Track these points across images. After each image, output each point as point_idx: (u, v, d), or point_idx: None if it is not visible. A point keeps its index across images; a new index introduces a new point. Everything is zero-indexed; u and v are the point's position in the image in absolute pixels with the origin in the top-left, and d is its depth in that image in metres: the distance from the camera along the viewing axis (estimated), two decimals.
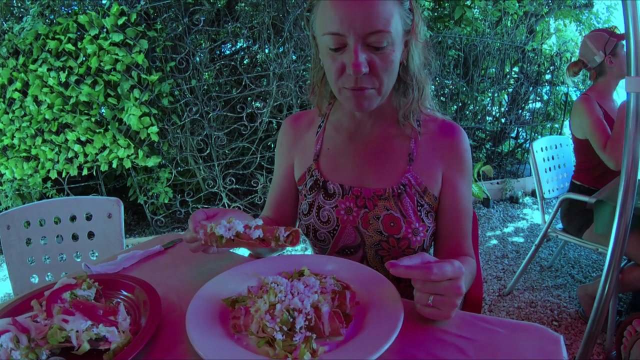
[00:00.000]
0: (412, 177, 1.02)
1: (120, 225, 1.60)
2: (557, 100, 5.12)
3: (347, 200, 1.05)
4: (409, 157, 1.04)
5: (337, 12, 0.86)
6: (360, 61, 0.86)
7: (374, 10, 0.84)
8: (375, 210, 1.02)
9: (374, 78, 0.90)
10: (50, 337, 0.66)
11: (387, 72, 0.91)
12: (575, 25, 5.70)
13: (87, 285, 0.81)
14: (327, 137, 1.14)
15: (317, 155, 1.13)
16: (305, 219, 1.10)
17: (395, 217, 1.00)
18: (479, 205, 4.26)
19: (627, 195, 1.32)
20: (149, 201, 3.64)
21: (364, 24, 0.84)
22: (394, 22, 0.86)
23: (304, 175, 1.14)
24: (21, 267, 1.63)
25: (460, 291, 0.69)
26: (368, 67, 0.88)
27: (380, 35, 0.85)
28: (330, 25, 0.86)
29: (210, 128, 3.46)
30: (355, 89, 0.91)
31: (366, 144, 1.08)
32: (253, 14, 3.50)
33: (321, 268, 0.87)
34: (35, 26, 3.04)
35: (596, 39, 2.12)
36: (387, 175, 1.04)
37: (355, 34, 0.85)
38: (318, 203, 1.08)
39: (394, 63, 0.91)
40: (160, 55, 3.29)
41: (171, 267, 1.03)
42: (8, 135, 3.35)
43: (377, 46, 0.86)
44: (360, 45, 0.86)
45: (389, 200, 1.01)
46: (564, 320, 2.25)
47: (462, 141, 1.04)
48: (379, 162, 1.06)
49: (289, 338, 0.66)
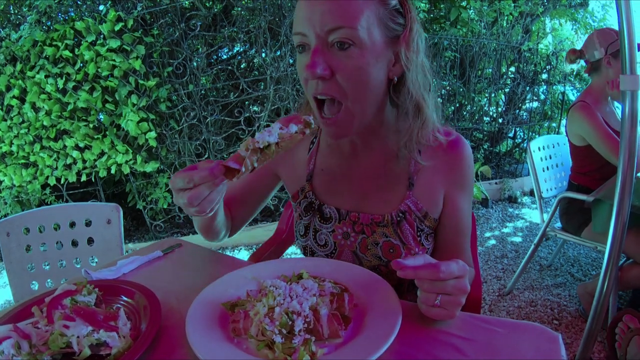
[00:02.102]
0: (412, 204, 0.96)
1: (120, 230, 1.60)
2: (554, 99, 5.13)
3: (344, 225, 1.00)
4: (409, 182, 0.96)
5: (301, 11, 0.80)
6: (316, 61, 0.78)
7: (336, 6, 0.77)
8: (373, 237, 0.97)
9: (338, 86, 0.81)
10: (51, 343, 0.66)
11: (356, 81, 0.80)
12: (570, 25, 5.72)
13: (87, 291, 0.81)
14: (320, 156, 1.06)
15: (310, 175, 1.05)
16: (302, 239, 1.07)
17: (394, 244, 0.95)
18: (477, 205, 4.27)
19: (624, 194, 1.33)
20: (148, 206, 3.64)
21: (322, 20, 0.77)
22: (363, 20, 0.77)
23: (297, 193, 1.08)
24: (21, 273, 1.63)
25: (467, 289, 0.69)
26: (328, 71, 0.79)
27: (342, 32, 0.76)
28: (297, 25, 0.81)
29: (208, 133, 3.47)
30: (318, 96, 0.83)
31: (363, 169, 1.00)
32: (249, 19, 3.51)
33: (319, 271, 0.88)
34: (32, 33, 3.05)
35: (603, 35, 2.05)
36: (386, 201, 0.98)
37: (315, 32, 0.78)
38: (314, 226, 1.04)
39: (363, 71, 0.80)
40: (157, 61, 3.30)
41: (171, 272, 1.03)
42: (6, 142, 3.34)
43: (339, 46, 0.78)
44: (321, 45, 0.79)
45: (388, 227, 0.96)
46: (564, 319, 2.26)
47: (465, 156, 0.97)
48: (376, 188, 0.99)
49: (288, 341, 0.66)
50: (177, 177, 0.69)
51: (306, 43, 0.81)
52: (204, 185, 0.69)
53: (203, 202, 0.70)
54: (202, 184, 0.68)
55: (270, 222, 3.79)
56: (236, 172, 0.70)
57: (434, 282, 0.68)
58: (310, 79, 0.81)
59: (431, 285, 0.68)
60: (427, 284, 0.69)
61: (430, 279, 0.68)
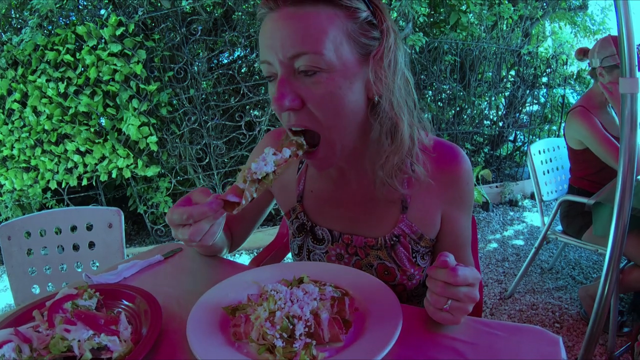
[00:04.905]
0: (406, 227, 0.91)
1: (121, 235, 1.60)
2: (554, 102, 5.13)
3: (337, 247, 0.98)
4: (403, 205, 0.91)
5: (265, 37, 0.73)
6: (283, 92, 0.71)
7: (297, 28, 0.70)
8: (367, 259, 0.95)
9: (311, 116, 0.74)
10: (52, 347, 0.66)
11: (329, 108, 0.74)
12: (570, 28, 5.74)
13: (88, 295, 0.82)
14: (309, 178, 1.01)
15: (301, 196, 1.01)
16: (296, 258, 1.06)
17: (389, 267, 0.93)
18: (478, 209, 4.26)
19: (625, 197, 1.33)
20: (149, 211, 3.64)
21: (284, 47, 0.70)
22: (328, 41, 0.70)
23: (289, 212, 1.05)
24: (22, 277, 1.63)
25: (477, 298, 0.68)
26: (297, 100, 0.73)
27: (307, 59, 0.70)
28: (261, 53, 0.75)
29: (209, 137, 3.47)
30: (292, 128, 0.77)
31: (352, 192, 0.95)
32: (250, 23, 3.52)
33: (320, 275, 0.87)
34: (33, 37, 3.06)
35: (604, 45, 2.01)
36: (379, 225, 0.93)
37: (279, 60, 0.71)
38: (307, 247, 1.01)
39: (336, 96, 0.73)
40: (158, 65, 3.31)
41: (172, 276, 1.03)
42: (7, 146, 3.35)
43: (306, 73, 0.71)
44: (287, 74, 0.72)
45: (382, 250, 0.92)
46: (565, 322, 2.25)
47: (462, 172, 0.90)
48: (368, 212, 0.94)
49: (289, 345, 0.66)
50: (174, 213, 0.66)
51: (272, 72, 0.74)
52: (204, 221, 0.66)
53: (205, 236, 0.68)
54: (201, 220, 0.66)
55: (271, 226, 3.79)
56: (236, 205, 0.68)
57: (448, 286, 0.67)
58: (279, 111, 0.75)
59: (444, 289, 0.67)
60: (440, 287, 0.68)
61: (445, 281, 0.67)
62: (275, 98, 0.71)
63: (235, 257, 3.58)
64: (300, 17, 0.70)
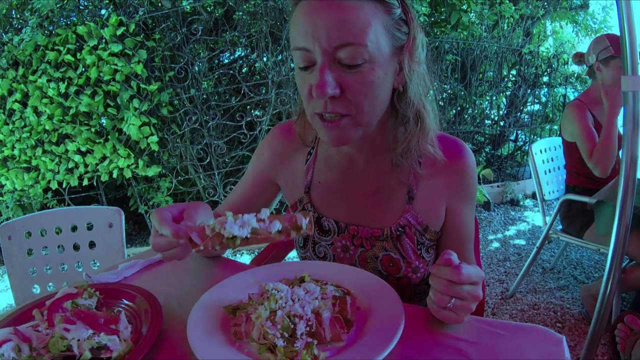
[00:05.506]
0: (412, 218, 0.93)
1: (122, 234, 1.60)
2: (556, 102, 5.13)
3: (343, 238, 0.99)
4: (409, 196, 0.94)
5: (304, 23, 0.74)
6: (326, 80, 0.72)
7: (343, 19, 0.71)
8: (373, 250, 0.96)
9: (348, 103, 0.76)
10: (51, 346, 0.66)
11: (366, 97, 0.77)
12: (571, 27, 5.73)
13: (88, 295, 0.81)
14: (317, 169, 1.02)
15: (308, 187, 1.03)
16: (301, 251, 1.06)
17: (394, 258, 0.94)
18: (479, 208, 4.26)
19: (627, 195, 1.33)
20: (150, 211, 3.64)
21: (329, 36, 0.71)
22: (372, 33, 0.73)
23: (295, 204, 1.06)
24: (23, 277, 1.63)
25: (480, 296, 0.68)
26: (338, 89, 0.74)
27: (352, 50, 0.72)
28: (298, 40, 0.75)
29: (210, 137, 3.47)
30: (324, 114, 0.78)
31: (360, 183, 0.97)
32: (251, 23, 3.52)
33: (321, 274, 0.87)
34: (34, 37, 3.06)
35: (596, 42, 2.11)
36: (385, 216, 0.95)
37: (321, 49, 0.72)
38: (313, 238, 1.02)
39: (375, 85, 0.76)
40: (159, 65, 3.31)
41: (172, 275, 1.03)
42: (8, 146, 3.35)
43: (349, 63, 0.73)
44: (329, 62, 0.73)
45: (387, 241, 0.94)
46: (567, 322, 2.24)
47: (467, 165, 0.93)
48: (375, 203, 0.96)
49: (290, 344, 0.66)
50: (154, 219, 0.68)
51: (310, 59, 0.75)
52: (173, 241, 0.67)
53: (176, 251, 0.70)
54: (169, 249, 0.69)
55: None
56: (196, 246, 0.67)
57: (452, 284, 0.67)
58: (320, 98, 0.75)
59: (448, 287, 0.67)
60: (444, 285, 0.67)
61: (449, 279, 0.67)
62: (318, 85, 0.73)
63: (236, 257, 3.58)
64: (345, 8, 0.72)
